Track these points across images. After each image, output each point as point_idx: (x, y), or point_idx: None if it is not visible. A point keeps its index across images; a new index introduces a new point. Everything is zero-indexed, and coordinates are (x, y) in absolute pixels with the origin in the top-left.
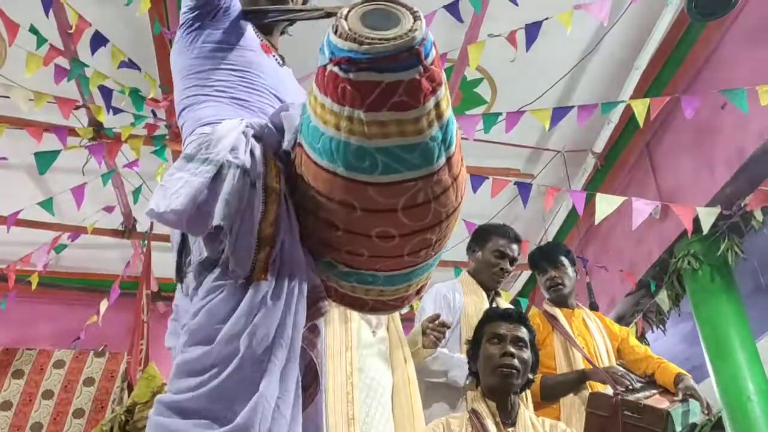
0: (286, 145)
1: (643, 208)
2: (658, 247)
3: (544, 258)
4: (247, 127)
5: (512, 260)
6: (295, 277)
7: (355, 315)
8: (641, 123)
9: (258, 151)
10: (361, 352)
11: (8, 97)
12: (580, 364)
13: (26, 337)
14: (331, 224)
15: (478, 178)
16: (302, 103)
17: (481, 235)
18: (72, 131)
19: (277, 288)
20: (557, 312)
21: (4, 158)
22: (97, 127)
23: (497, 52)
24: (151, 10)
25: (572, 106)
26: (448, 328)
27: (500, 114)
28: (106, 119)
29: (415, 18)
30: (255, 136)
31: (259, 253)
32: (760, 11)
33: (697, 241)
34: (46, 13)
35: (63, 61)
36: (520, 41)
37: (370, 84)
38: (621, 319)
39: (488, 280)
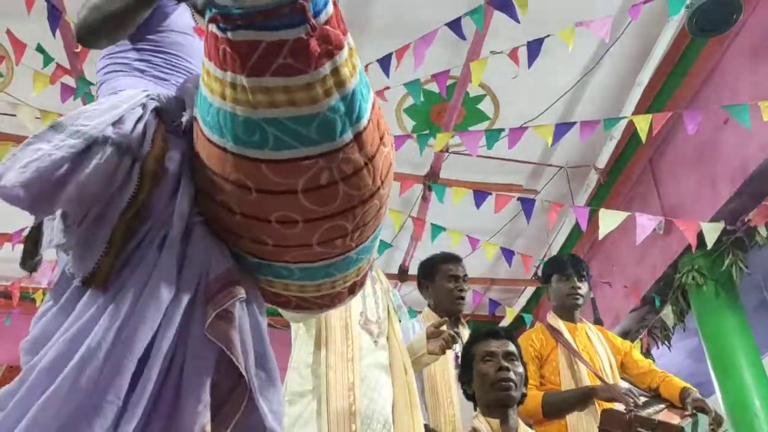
0: (184, 118)
1: (646, 224)
2: (662, 262)
3: (574, 267)
4: (149, 98)
5: (464, 278)
6: (155, 280)
7: (356, 325)
8: (644, 139)
9: (151, 129)
10: (363, 362)
11: (14, 116)
12: (586, 379)
13: None
14: (228, 208)
15: (481, 193)
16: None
17: (427, 269)
18: None
19: (123, 295)
20: (561, 326)
21: None
22: None
23: (499, 69)
24: None
25: (575, 122)
26: (456, 342)
27: (503, 130)
28: None
29: None
30: (158, 110)
31: (108, 253)
32: (761, 27)
33: (701, 257)
34: (53, 33)
35: (69, 80)
36: (522, 58)
37: (248, 44)
38: (626, 335)
39: (450, 306)
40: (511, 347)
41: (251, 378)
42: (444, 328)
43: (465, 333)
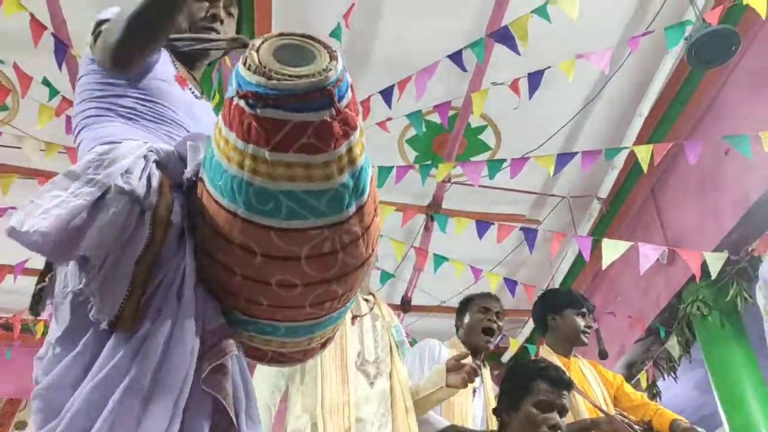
0: (186, 175)
1: (650, 254)
2: (667, 292)
3: (587, 304)
4: (150, 150)
5: (497, 315)
6: (166, 324)
7: (352, 367)
8: (645, 168)
9: (155, 180)
10: (359, 407)
11: (20, 148)
12: (584, 413)
13: (30, 387)
14: (229, 268)
15: (483, 224)
16: (208, 136)
17: (463, 304)
18: None
19: (149, 343)
20: (555, 360)
21: (14, 208)
22: None
23: (501, 100)
24: None
25: (576, 152)
26: (478, 374)
27: (505, 160)
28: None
29: (332, 57)
30: (157, 162)
31: (131, 296)
32: (759, 58)
33: (705, 287)
34: (60, 67)
35: None
36: (523, 89)
37: (276, 122)
38: (631, 366)
39: (479, 340)
40: (567, 400)
41: (241, 423)
42: (467, 360)
43: (486, 372)
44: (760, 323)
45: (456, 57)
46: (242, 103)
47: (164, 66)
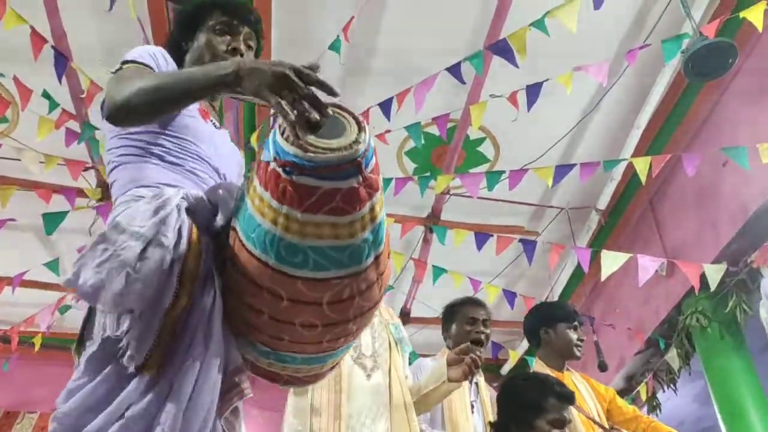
0: (218, 224)
1: (649, 265)
2: (666, 304)
3: (578, 318)
4: (182, 198)
5: (484, 323)
6: (195, 366)
7: (348, 358)
8: (644, 180)
9: (185, 230)
10: (353, 396)
11: (19, 160)
12: (581, 428)
13: (27, 400)
14: (257, 309)
15: (482, 236)
16: (239, 187)
17: (448, 313)
18: (80, 192)
19: (177, 386)
20: (548, 372)
21: (13, 219)
22: (105, 188)
23: (499, 112)
24: None
25: (574, 164)
26: (478, 366)
27: (503, 172)
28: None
29: (360, 128)
30: (188, 209)
31: (158, 345)
32: (757, 71)
33: (704, 299)
34: (59, 79)
35: (74, 125)
36: (522, 101)
37: (310, 188)
38: (631, 379)
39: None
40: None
41: None
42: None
43: (482, 384)
44: (760, 335)
45: (454, 69)
46: (279, 169)
47: None
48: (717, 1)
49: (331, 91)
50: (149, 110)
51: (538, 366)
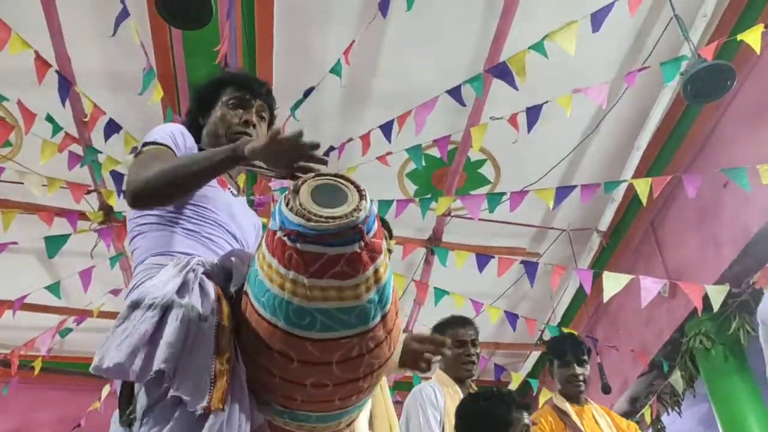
0: (233, 288)
1: (651, 287)
2: (669, 325)
3: (573, 352)
4: (198, 264)
5: (473, 342)
6: (243, 412)
7: None
8: (644, 201)
9: (211, 289)
10: None
11: (22, 183)
12: None
13: (27, 425)
14: (269, 371)
15: (484, 257)
16: (251, 255)
17: (439, 330)
18: (82, 215)
19: (231, 419)
20: (568, 408)
21: (15, 243)
22: (107, 210)
23: (500, 134)
24: (164, 98)
25: (575, 186)
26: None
27: (504, 194)
28: (117, 203)
29: (361, 196)
30: (206, 273)
31: (216, 383)
32: (755, 93)
33: (707, 320)
34: (63, 103)
35: (77, 148)
36: (522, 123)
37: (314, 255)
38: (635, 401)
39: (460, 372)
40: None
41: None
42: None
43: None
44: (762, 357)
45: (455, 92)
46: (285, 238)
47: None
48: (715, 23)
49: (322, 161)
50: (170, 191)
51: (558, 401)
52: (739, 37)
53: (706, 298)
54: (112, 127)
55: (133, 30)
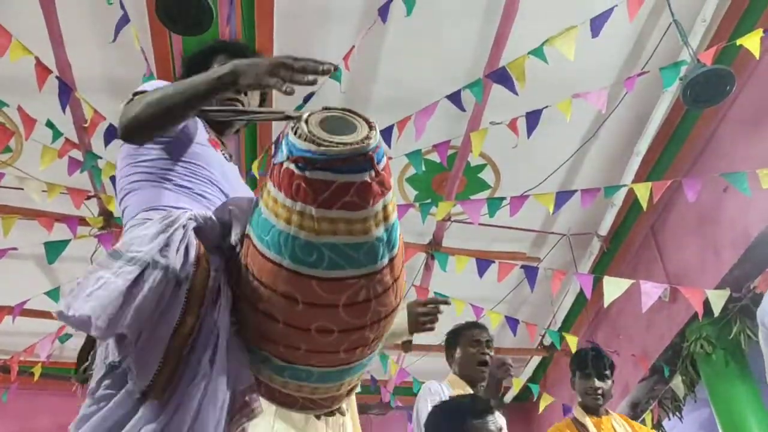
0: (234, 238)
1: (651, 291)
2: (669, 330)
3: (594, 365)
4: (189, 219)
5: (488, 344)
6: (199, 387)
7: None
8: (644, 206)
9: (193, 250)
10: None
11: (22, 189)
12: None
13: (26, 430)
14: (272, 317)
15: (484, 262)
16: (252, 198)
17: (452, 338)
18: (82, 221)
19: (182, 408)
20: (587, 420)
21: (14, 248)
22: (107, 216)
23: (499, 139)
24: None
25: (575, 190)
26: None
27: (504, 198)
28: (117, 209)
29: (371, 127)
30: (196, 229)
31: (164, 368)
32: (755, 98)
33: (708, 325)
34: (63, 109)
35: (77, 154)
36: (522, 128)
37: (323, 183)
38: (636, 406)
39: (475, 373)
40: None
41: None
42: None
43: (503, 423)
44: (763, 361)
45: (455, 97)
46: (293, 166)
47: (200, 132)
48: (714, 28)
49: (327, 70)
50: (158, 121)
51: (578, 414)
52: (738, 41)
53: (706, 303)
54: (112, 133)
55: (134, 36)
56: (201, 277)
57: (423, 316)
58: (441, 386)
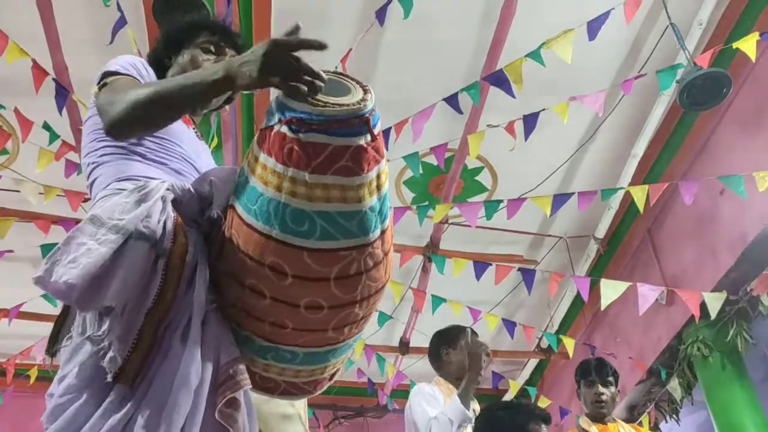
0: (215, 210)
1: (648, 294)
2: (666, 333)
3: (597, 372)
4: (167, 190)
5: (487, 354)
6: (183, 368)
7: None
8: (641, 209)
9: (170, 222)
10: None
11: (18, 191)
12: None
13: None
14: (258, 292)
15: (481, 264)
16: (234, 168)
17: (452, 336)
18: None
19: (152, 393)
20: (593, 428)
21: (11, 251)
22: None
23: (497, 142)
24: None
25: (572, 193)
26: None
27: (501, 201)
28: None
29: (365, 90)
30: (174, 201)
31: (135, 351)
32: (751, 100)
33: (705, 327)
34: (60, 111)
35: (74, 156)
36: (519, 131)
37: (318, 146)
38: (633, 409)
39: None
40: None
41: None
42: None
43: (477, 407)
44: (761, 364)
45: (452, 99)
46: (285, 129)
47: None
48: (710, 31)
49: (319, 46)
50: (149, 123)
51: (583, 422)
52: (734, 44)
53: (703, 306)
54: None
55: (131, 38)
56: (179, 252)
57: None
58: (432, 388)
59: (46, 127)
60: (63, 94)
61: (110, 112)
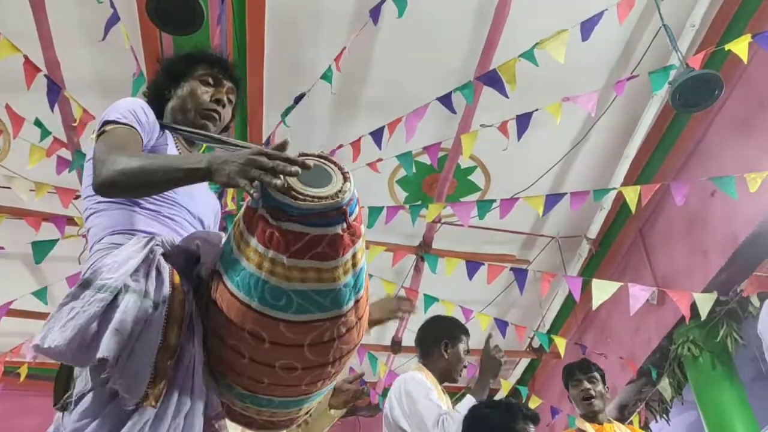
0: (203, 272)
1: (639, 294)
2: (657, 333)
3: (581, 370)
4: (156, 245)
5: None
6: (186, 403)
7: None
8: (633, 209)
9: (166, 273)
10: None
11: (9, 188)
12: None
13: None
14: (239, 352)
15: (473, 264)
16: (221, 235)
17: (458, 332)
18: (70, 220)
19: (162, 414)
20: (588, 428)
21: (1, 248)
22: None
23: (490, 141)
24: None
25: (565, 193)
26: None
27: (494, 201)
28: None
29: (345, 178)
30: (165, 255)
31: (155, 383)
32: (743, 102)
33: (695, 328)
34: (52, 108)
35: (65, 153)
36: (512, 131)
37: (297, 234)
38: (624, 408)
39: (454, 375)
40: None
41: None
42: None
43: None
44: (751, 364)
45: (445, 99)
46: (267, 215)
47: (170, 149)
48: (703, 33)
49: (303, 165)
50: (133, 191)
51: (579, 423)
52: (726, 46)
53: (694, 306)
54: None
55: (123, 35)
56: (178, 299)
57: (395, 311)
58: (425, 380)
59: (38, 123)
60: (55, 90)
61: (101, 173)
